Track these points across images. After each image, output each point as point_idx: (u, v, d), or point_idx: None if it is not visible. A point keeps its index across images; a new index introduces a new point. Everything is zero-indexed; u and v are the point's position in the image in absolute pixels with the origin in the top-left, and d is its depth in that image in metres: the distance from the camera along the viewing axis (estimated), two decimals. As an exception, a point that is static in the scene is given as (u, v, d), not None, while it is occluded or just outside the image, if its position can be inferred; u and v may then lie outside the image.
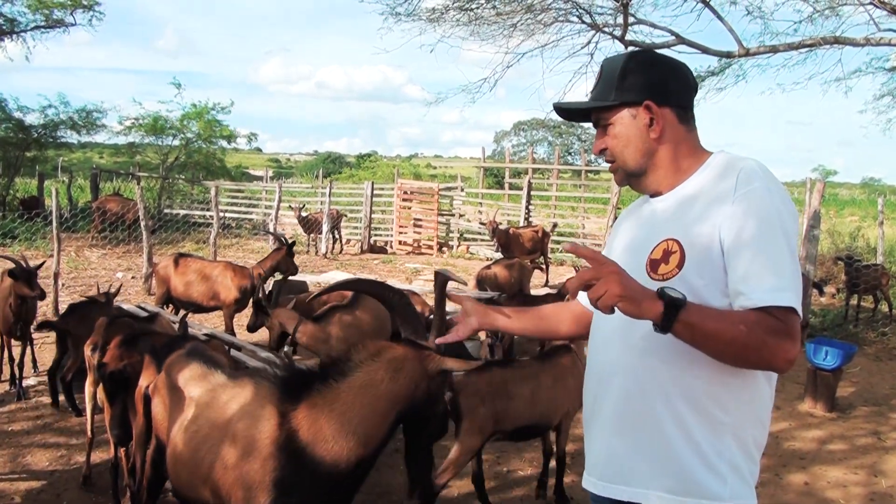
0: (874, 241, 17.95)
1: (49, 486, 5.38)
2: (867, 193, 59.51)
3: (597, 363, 2.31)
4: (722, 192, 2.04)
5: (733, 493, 2.06)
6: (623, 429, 2.18)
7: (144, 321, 5.76)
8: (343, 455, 2.74)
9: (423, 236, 22.82)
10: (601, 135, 2.28)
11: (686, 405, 2.06)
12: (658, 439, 2.10)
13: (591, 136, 60.25)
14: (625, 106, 2.19)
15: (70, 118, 24.65)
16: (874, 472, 6.35)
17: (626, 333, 2.15)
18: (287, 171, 60.33)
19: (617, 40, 9.92)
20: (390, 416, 2.77)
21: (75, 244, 18.57)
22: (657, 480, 2.10)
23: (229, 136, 27.46)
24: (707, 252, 2.01)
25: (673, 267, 2.06)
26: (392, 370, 2.76)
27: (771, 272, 1.91)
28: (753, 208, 1.97)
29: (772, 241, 1.94)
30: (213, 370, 3.48)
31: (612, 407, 2.20)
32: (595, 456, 2.30)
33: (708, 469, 2.05)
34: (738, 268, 1.95)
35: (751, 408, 2.10)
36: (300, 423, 2.79)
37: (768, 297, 1.89)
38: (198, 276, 9.12)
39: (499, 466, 6.10)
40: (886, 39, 9.27)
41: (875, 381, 9.42)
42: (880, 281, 13.07)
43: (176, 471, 3.34)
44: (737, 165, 2.08)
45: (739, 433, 2.08)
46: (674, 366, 2.06)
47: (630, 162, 2.23)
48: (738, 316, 1.90)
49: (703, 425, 2.06)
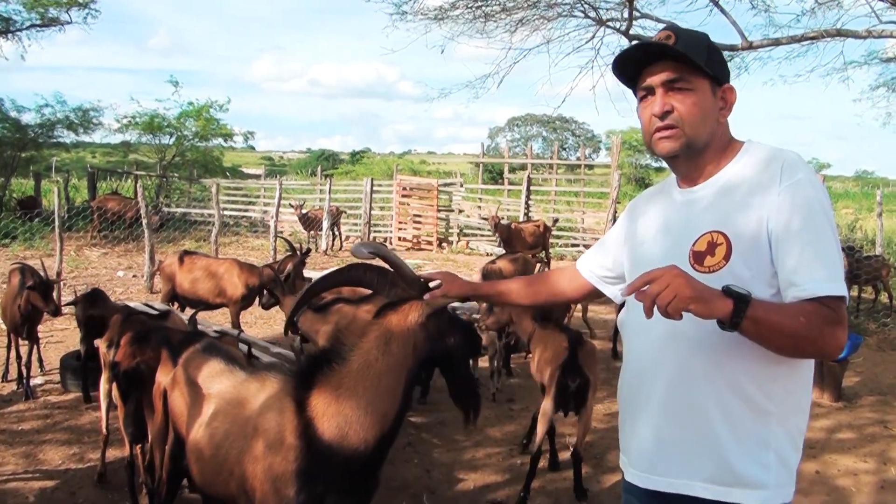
0: (871, 233, 18.00)
1: (63, 484, 5.36)
2: (861, 186, 59.77)
3: (637, 355, 2.30)
4: (766, 183, 2.04)
5: (778, 481, 2.07)
6: (668, 420, 2.17)
7: (157, 318, 5.74)
8: (361, 437, 2.76)
9: (423, 232, 22.83)
10: (666, 94, 2.16)
11: (732, 394, 2.06)
12: (704, 429, 2.10)
13: (585, 132, 60.41)
14: (710, 79, 2.16)
15: (67, 117, 24.61)
16: (883, 460, 6.37)
17: (667, 324, 2.10)
18: (280, 169, 60.21)
19: (622, 35, 9.92)
20: (398, 387, 2.79)
21: (75, 244, 18.53)
22: (702, 471, 2.10)
23: (227, 134, 27.44)
24: (754, 243, 2.02)
25: (720, 259, 2.06)
26: (382, 345, 2.78)
27: (821, 263, 1.94)
28: (800, 200, 1.98)
29: (820, 233, 1.97)
30: (233, 367, 3.51)
31: (657, 399, 2.19)
32: (638, 448, 2.29)
33: (753, 458, 2.06)
34: (789, 259, 1.96)
35: (794, 396, 2.11)
36: (315, 410, 2.81)
37: (821, 287, 1.92)
38: (204, 273, 9.09)
39: (512, 459, 6.11)
40: (888, 31, 9.28)
41: (879, 371, 9.48)
42: (881, 272, 13.13)
43: (199, 467, 3.34)
44: (779, 157, 2.08)
45: (784, 421, 2.09)
46: (719, 356, 2.06)
47: (702, 135, 2.15)
48: (796, 308, 1.90)
49: (749, 414, 2.06)
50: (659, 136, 2.18)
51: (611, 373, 8.39)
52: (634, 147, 47.81)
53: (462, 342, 2.89)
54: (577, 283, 2.75)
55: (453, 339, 2.85)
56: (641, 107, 2.24)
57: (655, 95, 2.17)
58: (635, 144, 47.11)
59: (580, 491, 5.36)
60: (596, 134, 60.24)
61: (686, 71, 2.13)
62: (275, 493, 2.85)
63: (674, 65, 2.13)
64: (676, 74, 2.14)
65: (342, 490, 2.84)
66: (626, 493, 2.41)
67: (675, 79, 2.14)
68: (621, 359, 2.42)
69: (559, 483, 5.62)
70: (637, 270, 2.29)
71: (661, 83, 2.15)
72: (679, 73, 2.13)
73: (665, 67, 2.14)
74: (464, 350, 2.92)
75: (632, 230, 2.46)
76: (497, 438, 6.62)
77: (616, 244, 2.57)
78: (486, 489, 5.52)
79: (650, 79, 2.18)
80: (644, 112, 2.22)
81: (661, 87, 2.16)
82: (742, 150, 2.20)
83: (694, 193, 2.23)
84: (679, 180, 2.31)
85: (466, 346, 2.93)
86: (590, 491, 5.45)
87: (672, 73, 2.14)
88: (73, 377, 7.43)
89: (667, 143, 2.18)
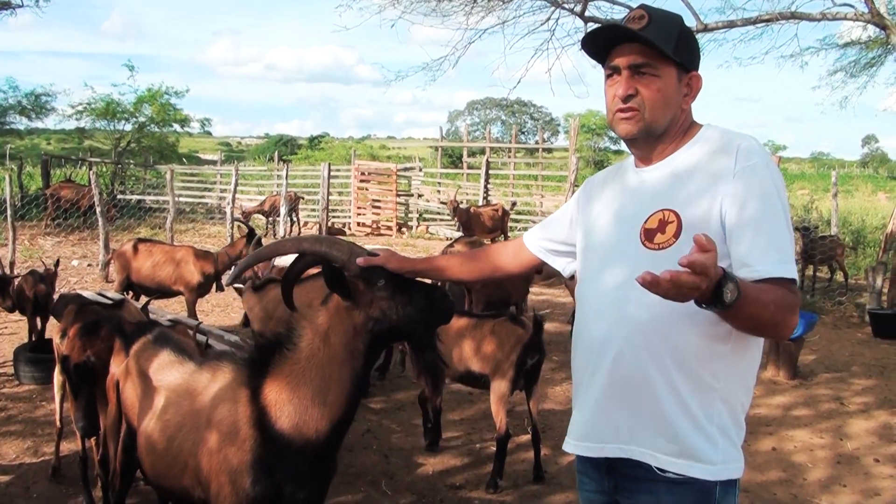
0: (827, 214, 18.27)
1: (17, 478, 5.27)
2: (816, 167, 60.66)
3: (588, 335, 2.30)
4: (721, 165, 2.07)
5: (725, 456, 2.10)
6: (616, 394, 2.18)
7: (111, 308, 5.64)
8: (313, 425, 2.74)
9: (382, 217, 22.78)
10: (631, 78, 2.16)
11: (678, 371, 2.09)
12: (651, 403, 2.12)
13: (543, 116, 60.75)
14: (676, 66, 2.16)
15: (19, 102, 24.18)
16: (839, 435, 6.48)
17: (619, 304, 2.16)
18: (238, 155, 59.69)
19: (577, 17, 9.92)
20: (345, 373, 2.73)
21: (28, 232, 18.21)
22: (650, 440, 2.12)
23: (183, 120, 27.12)
24: (705, 224, 2.04)
25: (670, 237, 2.08)
26: (323, 332, 2.74)
27: (774, 247, 1.98)
28: (755, 184, 2.02)
29: (774, 217, 2.01)
30: (183, 358, 3.46)
31: (605, 374, 2.20)
32: (585, 422, 2.30)
33: (700, 433, 2.09)
34: (743, 242, 2.00)
35: (740, 374, 2.15)
36: (268, 399, 2.78)
37: (774, 269, 1.96)
38: (160, 261, 8.96)
39: (471, 444, 6.12)
40: (842, 14, 9.39)
41: (835, 349, 9.64)
42: (835, 252, 13.35)
43: (151, 460, 3.29)
44: (734, 140, 2.11)
45: (729, 398, 2.12)
46: (667, 333, 2.08)
47: (661, 120, 2.16)
48: (769, 296, 1.90)
49: (695, 391, 2.09)
50: (620, 116, 2.19)
51: (569, 355, 8.16)
52: (593, 130, 48.05)
53: (419, 312, 2.72)
54: (521, 258, 2.74)
55: (406, 310, 2.70)
56: (607, 84, 2.24)
57: (621, 76, 2.17)
58: (594, 128, 47.37)
59: (539, 472, 5.39)
60: (554, 117, 60.60)
61: (653, 56, 2.12)
62: (231, 485, 2.81)
63: (642, 49, 2.13)
64: (643, 59, 2.13)
65: (299, 478, 2.82)
66: (579, 473, 2.43)
67: (641, 63, 2.13)
68: None
69: (518, 465, 5.63)
70: (590, 248, 2.36)
71: (627, 66, 2.15)
72: (646, 59, 2.13)
73: (633, 50, 2.14)
74: (421, 320, 2.74)
75: (587, 210, 2.46)
76: (455, 422, 6.62)
77: (570, 221, 2.57)
78: (445, 474, 5.52)
79: (617, 59, 2.17)
80: (609, 90, 2.23)
81: (626, 70, 2.15)
82: (699, 132, 2.22)
83: (648, 173, 2.25)
84: (636, 161, 2.33)
85: (426, 314, 2.75)
86: (548, 472, 5.48)
87: (639, 57, 2.13)
88: (26, 369, 7.31)
89: (626, 125, 2.19)
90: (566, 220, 2.59)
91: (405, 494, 5.19)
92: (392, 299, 2.68)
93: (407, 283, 2.72)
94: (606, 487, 2.28)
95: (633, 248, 2.14)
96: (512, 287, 8.99)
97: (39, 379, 7.19)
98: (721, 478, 2.10)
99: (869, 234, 18.91)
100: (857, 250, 16.78)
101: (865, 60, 15.58)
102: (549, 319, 10.63)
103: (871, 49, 14.80)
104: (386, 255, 2.71)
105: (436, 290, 2.81)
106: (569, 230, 2.57)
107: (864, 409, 7.23)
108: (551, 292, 12.18)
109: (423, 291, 2.75)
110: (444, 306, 2.80)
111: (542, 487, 5.32)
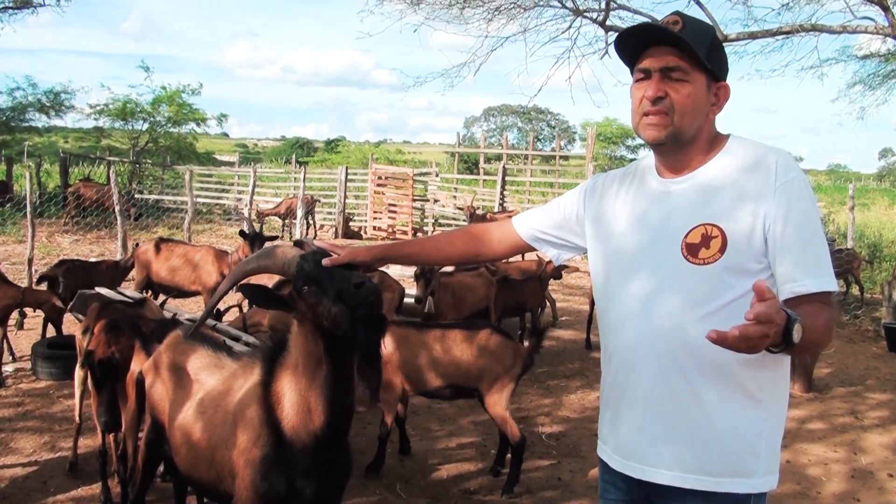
0: (843, 227, 18.20)
1: (35, 473, 5.32)
2: (833, 180, 60.24)
3: (621, 345, 2.27)
4: (760, 182, 2.08)
5: (767, 467, 2.12)
6: (658, 414, 2.17)
7: (133, 306, 5.70)
8: (307, 424, 2.82)
9: (398, 222, 22.80)
10: (661, 80, 2.14)
11: (726, 384, 2.09)
12: (697, 420, 2.12)
13: (560, 123, 60.59)
14: (706, 74, 2.15)
15: (38, 100, 24.34)
16: (854, 449, 6.46)
17: (650, 313, 2.15)
18: (254, 157, 59.90)
19: (598, 25, 9.93)
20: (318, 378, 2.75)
21: (47, 230, 18.33)
22: (698, 464, 2.12)
23: (200, 118, 27.24)
24: (748, 239, 2.06)
25: (715, 251, 2.07)
26: (296, 344, 2.79)
27: (818, 262, 2.05)
28: (795, 200, 2.05)
29: (815, 233, 2.06)
30: (221, 355, 3.56)
31: (646, 388, 2.19)
32: (625, 438, 2.28)
33: (746, 447, 2.10)
34: (787, 258, 2.03)
35: (779, 384, 2.17)
36: (275, 397, 2.88)
37: (818, 283, 2.02)
38: (180, 261, 9.02)
39: (485, 448, 6.14)
40: (863, 27, 9.36)
41: (850, 363, 9.60)
42: (852, 265, 13.30)
43: (190, 457, 3.37)
44: (769, 156, 2.11)
45: (772, 408, 2.14)
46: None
47: (689, 127, 2.14)
48: (822, 321, 1.95)
49: (743, 403, 2.10)
50: (647, 121, 2.16)
51: (585, 363, 8.44)
52: (609, 139, 47.89)
53: (347, 310, 2.48)
54: (507, 243, 2.70)
55: (332, 310, 2.51)
56: (635, 87, 2.21)
57: (651, 79, 2.15)
58: (610, 136, 47.21)
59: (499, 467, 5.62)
60: (571, 125, 60.31)
61: (686, 61, 2.11)
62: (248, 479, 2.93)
63: (674, 53, 2.12)
64: (675, 63, 2.12)
65: (309, 476, 2.90)
66: (604, 482, 2.42)
67: (674, 67, 2.12)
68: (596, 349, 2.43)
69: (532, 472, 5.65)
70: (614, 261, 2.31)
71: (659, 68, 2.13)
72: (679, 62, 2.12)
73: (665, 53, 2.13)
74: (352, 319, 2.49)
75: (600, 206, 2.42)
76: (470, 429, 6.64)
77: (575, 216, 2.53)
78: (459, 478, 5.54)
79: (649, 61, 2.16)
80: (636, 93, 2.20)
81: (658, 73, 2.13)
82: (727, 144, 2.21)
83: (677, 184, 2.22)
84: (660, 169, 2.29)
85: (355, 312, 2.48)
86: (562, 480, 5.50)
87: (671, 59, 2.12)
88: (44, 365, 7.37)
89: (653, 130, 2.16)
90: (570, 213, 2.54)
91: (420, 498, 5.21)
92: (321, 303, 2.53)
93: (332, 283, 2.50)
94: (637, 497, 2.27)
95: (672, 261, 2.12)
96: (528, 293, 9.01)
97: (57, 375, 7.26)
98: (759, 490, 2.11)
99: (885, 248, 18.82)
100: (872, 264, 16.67)
101: (884, 72, 15.52)
102: (566, 327, 10.65)
103: (891, 62, 14.73)
104: (350, 251, 2.56)
105: (358, 281, 2.46)
106: (570, 223, 2.54)
107: (880, 423, 7.20)
108: (568, 299, 12.16)
109: (341, 288, 2.47)
110: (363, 300, 2.46)
111: (557, 493, 5.35)
